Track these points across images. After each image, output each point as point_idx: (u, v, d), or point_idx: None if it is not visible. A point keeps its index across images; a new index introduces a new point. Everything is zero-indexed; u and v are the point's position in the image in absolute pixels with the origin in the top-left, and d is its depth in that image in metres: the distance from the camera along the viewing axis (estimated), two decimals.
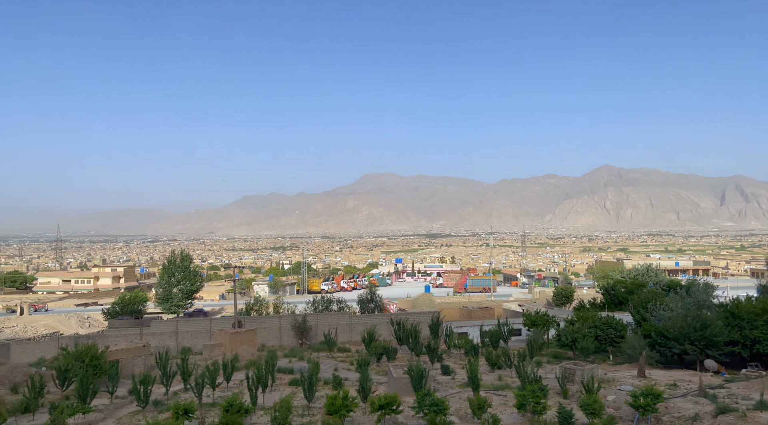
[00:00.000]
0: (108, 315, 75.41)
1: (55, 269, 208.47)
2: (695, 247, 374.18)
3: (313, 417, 25.22)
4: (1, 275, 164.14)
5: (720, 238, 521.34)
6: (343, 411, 22.80)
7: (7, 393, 31.40)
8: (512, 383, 32.93)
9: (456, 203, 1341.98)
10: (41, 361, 48.72)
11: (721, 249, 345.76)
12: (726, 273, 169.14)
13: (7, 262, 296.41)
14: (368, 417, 24.92)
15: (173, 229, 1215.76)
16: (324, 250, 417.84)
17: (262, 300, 77.66)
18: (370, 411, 24.02)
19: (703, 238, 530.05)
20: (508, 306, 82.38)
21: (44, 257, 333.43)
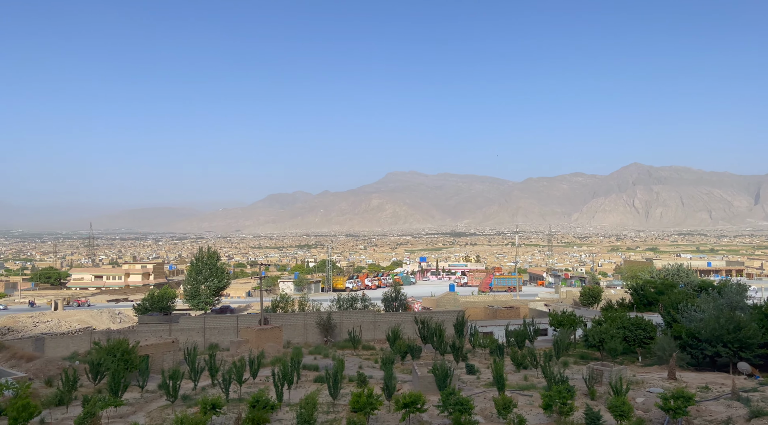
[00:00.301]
0: (138, 311, 77.05)
1: (88, 266, 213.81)
2: (728, 247, 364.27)
3: (338, 414, 25.38)
4: (37, 271, 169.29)
5: (754, 238, 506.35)
6: (367, 409, 22.88)
7: (41, 386, 32.36)
8: (538, 383, 32.59)
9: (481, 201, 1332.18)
10: (75, 355, 50.06)
11: (755, 249, 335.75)
12: (760, 274, 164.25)
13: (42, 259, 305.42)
14: (393, 415, 24.96)
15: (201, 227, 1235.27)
16: (348, 248, 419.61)
17: (288, 297, 78.35)
18: (395, 409, 24.05)
19: (736, 238, 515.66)
20: (533, 306, 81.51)
21: (77, 254, 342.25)
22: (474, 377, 35.56)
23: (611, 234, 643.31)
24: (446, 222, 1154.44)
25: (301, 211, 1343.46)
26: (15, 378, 29.78)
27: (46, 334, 63.05)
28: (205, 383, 33.04)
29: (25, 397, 23.71)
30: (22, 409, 21.07)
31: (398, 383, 30.78)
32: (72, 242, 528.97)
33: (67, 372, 28.75)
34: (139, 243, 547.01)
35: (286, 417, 24.71)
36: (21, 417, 20.93)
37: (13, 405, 21.47)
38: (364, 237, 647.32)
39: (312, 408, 21.83)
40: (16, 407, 21.14)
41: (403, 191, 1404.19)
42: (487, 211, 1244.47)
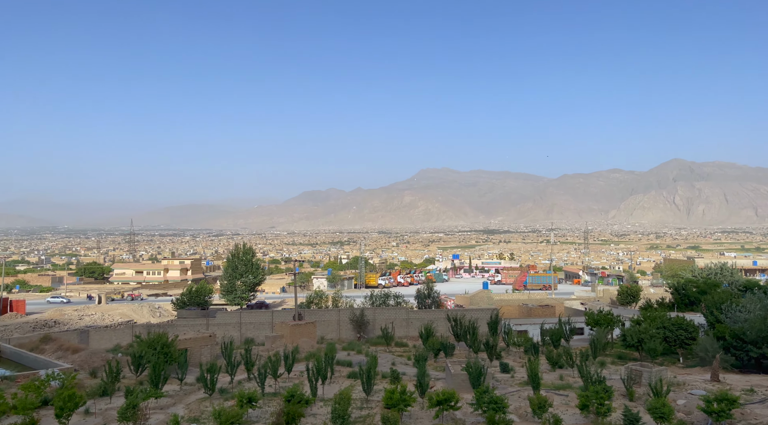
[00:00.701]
0: (177, 305, 79.04)
1: (129, 261, 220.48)
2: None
3: (371, 410, 25.50)
4: (81, 266, 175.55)
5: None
6: (401, 406, 22.91)
7: (86, 377, 33.56)
8: (574, 383, 32.03)
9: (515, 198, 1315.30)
10: (117, 348, 51.71)
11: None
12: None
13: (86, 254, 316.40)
14: (426, 412, 24.93)
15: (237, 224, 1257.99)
16: (381, 245, 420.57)
17: (322, 293, 79.09)
18: (428, 406, 24.02)
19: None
20: (569, 305, 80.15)
21: (119, 250, 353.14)
22: (508, 375, 35.20)
23: (650, 232, 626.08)
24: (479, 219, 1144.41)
25: (334, 208, 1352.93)
26: (61, 369, 30.96)
27: (91, 327, 65.32)
28: (241, 377, 33.66)
29: (71, 388, 24.65)
30: (68, 399, 21.90)
31: (431, 380, 30.71)
32: (114, 238, 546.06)
33: (110, 364, 29.73)
34: (177, 239, 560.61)
35: (320, 412, 24.97)
36: (67, 406, 21.75)
37: (59, 395, 22.34)
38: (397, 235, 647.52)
39: (346, 403, 22.00)
40: (62, 397, 21.99)
41: (436, 188, 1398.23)
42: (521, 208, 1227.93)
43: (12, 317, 79.31)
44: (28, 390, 24.47)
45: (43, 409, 24.92)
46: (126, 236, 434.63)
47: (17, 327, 71.43)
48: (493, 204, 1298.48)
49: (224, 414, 21.69)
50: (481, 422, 23.32)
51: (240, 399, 23.79)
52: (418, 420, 24.17)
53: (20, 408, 22.05)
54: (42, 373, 29.33)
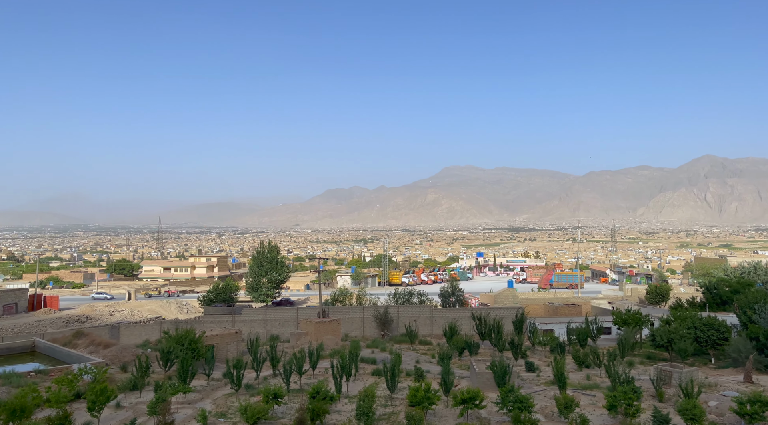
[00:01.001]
0: (203, 302, 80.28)
1: (157, 258, 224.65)
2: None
3: (396, 407, 25.51)
4: (112, 263, 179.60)
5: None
6: (425, 403, 22.88)
7: (117, 372, 34.31)
8: (601, 383, 31.54)
9: (540, 196, 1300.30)
10: (146, 343, 52.76)
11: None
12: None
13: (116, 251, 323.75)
14: (451, 410, 24.84)
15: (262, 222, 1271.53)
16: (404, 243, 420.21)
17: (346, 291, 79.42)
18: (453, 405, 23.93)
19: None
20: (596, 304, 78.93)
21: (147, 247, 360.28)
22: (534, 375, 34.86)
23: (680, 230, 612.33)
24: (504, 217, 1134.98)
25: (357, 206, 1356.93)
26: (93, 364, 31.71)
27: (121, 323, 66.75)
28: (266, 373, 34.01)
29: (102, 382, 25.23)
30: (99, 393, 22.43)
31: (456, 379, 30.59)
32: (143, 236, 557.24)
33: (140, 359, 30.35)
34: (203, 237, 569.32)
35: (344, 409, 25.09)
36: (99, 400, 22.28)
37: (91, 389, 22.89)
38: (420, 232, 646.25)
39: (371, 400, 22.05)
40: (94, 391, 22.53)
41: (460, 186, 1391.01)
42: (547, 205, 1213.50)
43: (46, 312, 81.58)
44: (61, 384, 25.12)
45: (75, 403, 25.57)
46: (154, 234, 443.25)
47: (51, 322, 73.42)
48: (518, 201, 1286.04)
49: (250, 409, 21.96)
50: (506, 421, 23.14)
51: (266, 395, 24.05)
52: (442, 418, 24.10)
53: (54, 402, 22.67)
54: (75, 367, 30.10)
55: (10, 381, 29.06)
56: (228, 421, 23.28)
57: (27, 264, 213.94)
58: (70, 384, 25.54)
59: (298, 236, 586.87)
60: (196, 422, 22.58)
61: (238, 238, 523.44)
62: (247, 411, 21.91)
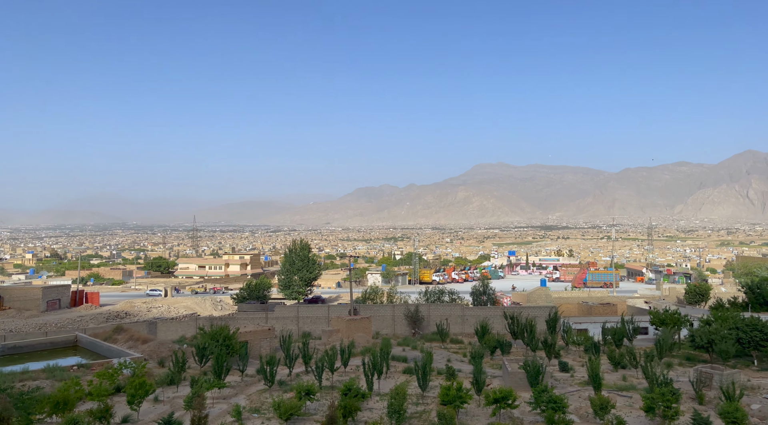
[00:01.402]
0: (237, 299, 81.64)
1: (192, 256, 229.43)
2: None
3: (427, 406, 25.46)
4: (149, 261, 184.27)
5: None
6: (457, 402, 22.77)
7: (155, 366, 35.21)
8: (638, 384, 30.83)
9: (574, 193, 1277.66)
10: (182, 339, 53.94)
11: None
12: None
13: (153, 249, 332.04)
14: (483, 409, 24.66)
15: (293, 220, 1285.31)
16: (434, 241, 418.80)
17: (377, 288, 79.64)
18: (485, 404, 23.75)
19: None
20: (632, 303, 77.19)
21: (183, 245, 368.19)
22: (567, 375, 34.31)
23: (721, 228, 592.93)
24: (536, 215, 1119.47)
25: (387, 204, 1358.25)
26: (132, 359, 32.63)
27: (158, 319, 68.52)
28: (299, 369, 34.39)
29: (141, 376, 25.96)
30: (138, 387, 23.08)
31: (488, 378, 30.34)
32: (178, 234, 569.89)
33: (176, 355, 31.09)
34: (237, 235, 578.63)
35: (376, 407, 25.17)
36: (138, 394, 22.94)
37: (131, 383, 23.58)
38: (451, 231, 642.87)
39: (402, 398, 22.07)
40: (134, 384, 23.20)
41: (491, 183, 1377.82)
42: (580, 203, 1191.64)
43: (87, 308, 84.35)
44: (102, 378, 25.93)
45: (116, 396, 26.34)
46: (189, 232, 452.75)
47: (92, 317, 75.88)
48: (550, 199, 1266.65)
49: (283, 405, 22.25)
50: (539, 421, 22.85)
51: (299, 391, 24.33)
52: (474, 417, 23.95)
53: (95, 395, 23.44)
54: (115, 362, 31.02)
55: (54, 375, 30.15)
56: (262, 417, 23.63)
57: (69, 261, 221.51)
58: (110, 378, 26.34)
59: (329, 234, 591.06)
60: (231, 417, 23.00)
61: (271, 236, 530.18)
62: (281, 407, 22.20)
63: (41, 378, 29.67)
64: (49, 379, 29.49)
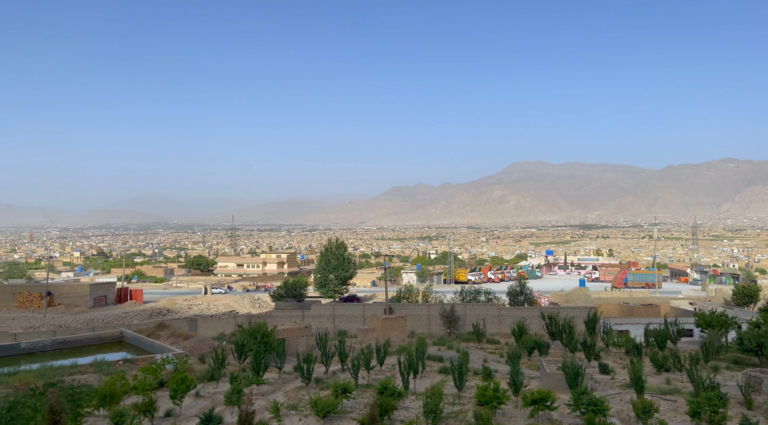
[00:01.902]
0: (274, 297, 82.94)
1: (231, 255, 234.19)
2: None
3: (463, 406, 25.30)
4: (189, 259, 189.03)
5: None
6: (494, 403, 22.55)
7: (196, 362, 36.08)
8: (683, 388, 29.87)
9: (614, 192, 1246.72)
10: (222, 336, 55.15)
11: None
12: None
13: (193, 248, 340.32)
14: (520, 411, 24.35)
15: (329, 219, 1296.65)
16: (469, 241, 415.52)
17: (412, 288, 79.63)
18: (523, 405, 23.44)
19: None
20: (676, 304, 74.88)
21: (221, 244, 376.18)
22: (608, 377, 33.53)
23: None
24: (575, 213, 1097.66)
25: (422, 203, 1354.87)
26: (174, 354, 33.52)
27: (198, 316, 70.20)
28: (335, 367, 34.66)
29: (183, 371, 26.66)
30: (180, 382, 23.71)
31: (525, 379, 29.93)
32: (217, 233, 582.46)
33: (216, 351, 31.78)
34: (274, 234, 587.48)
35: (412, 406, 25.16)
36: (180, 389, 23.56)
37: (173, 378, 24.25)
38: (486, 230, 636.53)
39: (438, 398, 21.99)
40: (176, 380, 23.84)
41: (528, 181, 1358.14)
42: (620, 201, 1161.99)
43: (131, 305, 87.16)
44: (146, 373, 26.74)
45: (159, 390, 27.11)
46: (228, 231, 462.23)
47: (136, 314, 78.36)
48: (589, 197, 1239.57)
49: (321, 403, 22.48)
50: (579, 424, 22.41)
51: (335, 389, 24.53)
52: (511, 418, 23.67)
53: (140, 389, 24.21)
54: (158, 357, 31.94)
55: (101, 369, 31.25)
56: (299, 413, 23.93)
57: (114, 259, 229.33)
58: (154, 373, 27.14)
59: (364, 233, 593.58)
60: (269, 413, 23.37)
61: (307, 235, 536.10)
62: (318, 405, 22.44)
63: (89, 372, 30.79)
64: (96, 373, 30.57)
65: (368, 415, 19.52)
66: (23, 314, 77.26)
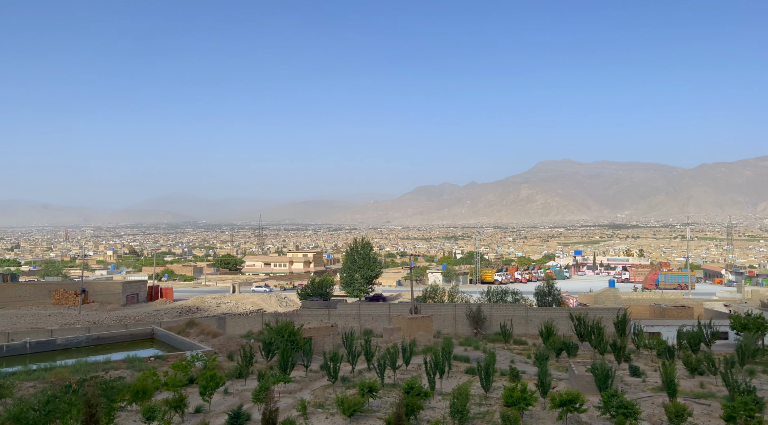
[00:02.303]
0: (301, 296, 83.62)
1: (258, 254, 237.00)
2: None
3: (490, 407, 25.12)
4: (218, 258, 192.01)
5: None
6: (521, 404, 22.34)
7: (224, 360, 36.63)
8: (717, 392, 29.10)
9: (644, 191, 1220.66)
10: (250, 334, 55.86)
11: None
12: None
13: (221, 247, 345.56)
14: (548, 412, 24.06)
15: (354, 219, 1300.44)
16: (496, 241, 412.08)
17: (437, 287, 79.36)
18: (551, 407, 23.15)
19: None
20: (710, 306, 72.89)
21: (249, 243, 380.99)
22: (639, 380, 32.87)
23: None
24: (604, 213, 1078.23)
25: (447, 203, 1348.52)
26: (204, 352, 34.10)
27: (227, 314, 71.25)
28: (361, 366, 34.79)
29: (212, 369, 27.11)
30: (210, 379, 24.12)
31: (553, 380, 29.56)
32: (245, 232, 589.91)
33: (244, 349, 32.22)
34: (300, 233, 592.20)
35: (438, 406, 25.09)
36: (209, 386, 23.98)
37: (203, 375, 24.68)
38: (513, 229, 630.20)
39: (465, 398, 21.88)
40: (205, 377, 24.27)
41: (555, 181, 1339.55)
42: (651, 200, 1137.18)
43: (162, 303, 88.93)
44: (177, 369, 27.27)
45: (189, 387, 27.64)
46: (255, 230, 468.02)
47: (167, 312, 79.93)
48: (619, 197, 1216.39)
49: (347, 401, 22.60)
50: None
51: (361, 388, 24.62)
52: (539, 420, 23.40)
53: (171, 385, 24.72)
54: (188, 354, 32.53)
55: (134, 365, 32.00)
56: (326, 412, 24.09)
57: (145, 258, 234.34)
58: (184, 370, 27.65)
59: (389, 233, 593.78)
60: (296, 411, 23.59)
61: (332, 235, 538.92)
62: (344, 403, 22.56)
63: (122, 368, 31.55)
64: (128, 369, 31.31)
65: (394, 414, 19.53)
66: (59, 311, 79.56)
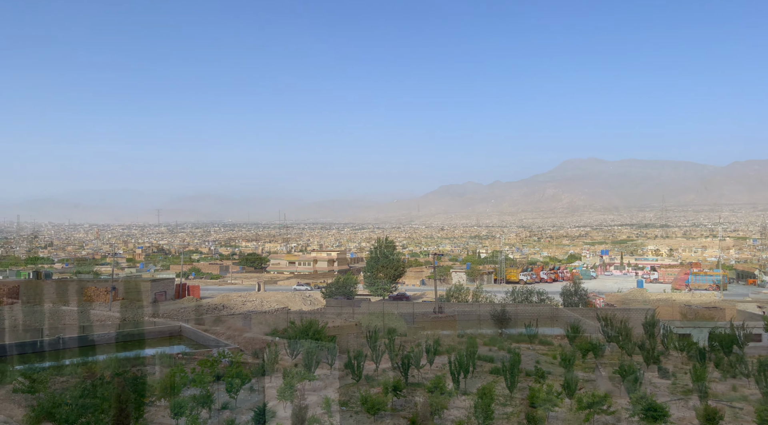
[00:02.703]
0: (325, 294, 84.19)
1: (283, 252, 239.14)
2: None
3: (515, 407, 24.94)
4: (243, 256, 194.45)
5: None
6: (547, 405, 22.13)
7: (250, 357, 37.10)
8: (750, 395, 28.35)
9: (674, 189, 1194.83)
10: (274, 331, 56.28)
11: None
12: None
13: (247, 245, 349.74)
14: (575, 414, 23.74)
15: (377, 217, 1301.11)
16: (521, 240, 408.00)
17: (461, 287, 79.04)
18: (577, 409, 22.86)
19: None
20: (743, 308, 71.02)
21: (274, 242, 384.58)
22: (668, 382, 32.21)
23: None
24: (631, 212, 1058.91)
25: (471, 202, 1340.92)
26: (230, 349, 34.63)
27: (252, 312, 72.10)
28: (385, 365, 34.84)
29: (238, 366, 27.52)
30: (236, 376, 24.49)
31: (580, 381, 29.17)
32: (270, 231, 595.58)
33: (269, 347, 32.61)
34: (324, 232, 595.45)
35: (462, 405, 25.00)
36: (235, 383, 24.34)
37: (229, 372, 25.07)
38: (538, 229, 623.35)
39: (489, 398, 21.77)
40: (231, 374, 24.65)
41: (582, 179, 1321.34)
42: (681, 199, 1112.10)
43: (189, 301, 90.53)
44: (204, 366, 27.74)
45: (215, 383, 28.07)
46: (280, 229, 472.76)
47: (193, 309, 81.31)
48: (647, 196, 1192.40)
49: (371, 400, 22.68)
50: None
51: (385, 387, 24.69)
52: (565, 422, 23.15)
53: (198, 382, 25.12)
54: (214, 351, 33.07)
55: (162, 362, 32.66)
56: (350, 410, 24.23)
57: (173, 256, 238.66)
58: (211, 367, 28.12)
59: (413, 231, 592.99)
60: (321, 409, 23.76)
61: (356, 233, 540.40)
62: (368, 402, 22.64)
63: (151, 364, 32.25)
64: (157, 365, 31.96)
65: (418, 414, 19.54)
66: (90, 308, 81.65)
